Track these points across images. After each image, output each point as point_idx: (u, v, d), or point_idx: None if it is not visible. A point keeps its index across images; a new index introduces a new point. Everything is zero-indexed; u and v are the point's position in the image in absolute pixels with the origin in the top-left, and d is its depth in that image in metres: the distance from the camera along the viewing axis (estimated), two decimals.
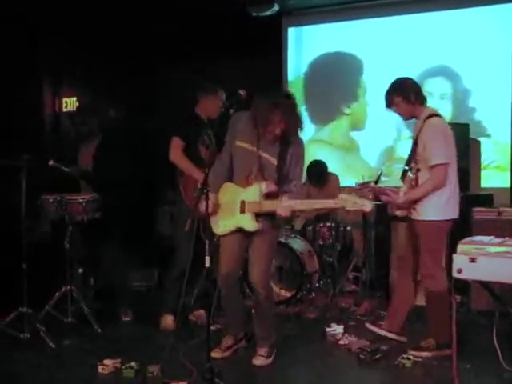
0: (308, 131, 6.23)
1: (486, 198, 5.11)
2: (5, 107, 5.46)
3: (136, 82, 6.64)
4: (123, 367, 3.42)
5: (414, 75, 5.94)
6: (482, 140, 5.74)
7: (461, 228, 4.59)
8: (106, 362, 3.45)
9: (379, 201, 3.91)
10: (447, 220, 3.63)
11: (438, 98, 5.97)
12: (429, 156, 3.53)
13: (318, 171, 5.51)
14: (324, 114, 6.55)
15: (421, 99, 3.65)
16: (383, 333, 3.86)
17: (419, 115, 3.66)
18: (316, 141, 6.52)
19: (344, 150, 6.48)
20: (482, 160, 5.74)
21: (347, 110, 6.44)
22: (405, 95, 3.61)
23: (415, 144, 3.65)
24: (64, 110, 6.73)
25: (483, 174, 5.77)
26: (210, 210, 3.21)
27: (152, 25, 6.26)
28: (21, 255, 3.96)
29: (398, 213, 3.80)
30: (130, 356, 3.52)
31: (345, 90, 6.36)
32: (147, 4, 5.82)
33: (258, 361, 3.60)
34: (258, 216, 3.44)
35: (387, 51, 6.16)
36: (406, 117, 3.74)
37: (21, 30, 5.62)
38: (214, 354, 3.51)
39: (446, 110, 5.88)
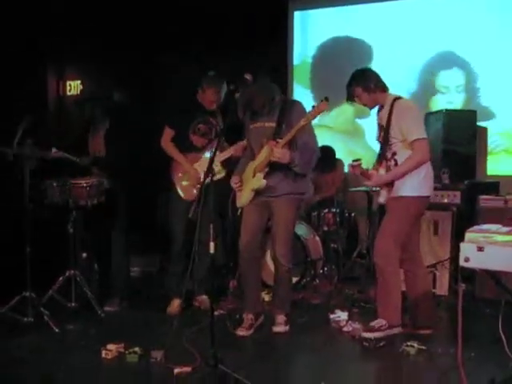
0: None
1: (493, 186, 5.07)
2: (9, 90, 5.42)
3: (141, 66, 6.58)
4: (127, 352, 3.41)
5: (422, 61, 6.02)
6: (489, 123, 5.66)
7: (467, 216, 4.60)
8: (110, 346, 3.44)
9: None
10: (423, 196, 3.65)
11: (455, 91, 5.89)
12: (408, 132, 3.57)
13: (326, 157, 5.45)
14: (329, 100, 6.46)
15: (381, 86, 3.71)
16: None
17: (383, 101, 3.72)
18: (319, 126, 6.45)
19: (348, 135, 6.42)
20: (488, 144, 5.67)
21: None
22: (365, 85, 3.69)
23: (387, 128, 3.65)
24: (68, 93, 6.70)
25: (490, 159, 5.71)
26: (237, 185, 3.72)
27: (157, 8, 6.19)
28: (24, 239, 3.95)
29: (382, 200, 3.76)
30: (133, 341, 3.51)
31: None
32: None
33: (278, 327, 3.84)
34: (267, 174, 3.67)
35: (395, 36, 6.07)
36: (371, 105, 3.79)
37: (25, 13, 5.57)
38: (240, 333, 3.78)
39: (460, 102, 5.82)
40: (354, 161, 3.74)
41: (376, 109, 3.85)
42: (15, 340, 3.70)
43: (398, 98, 3.68)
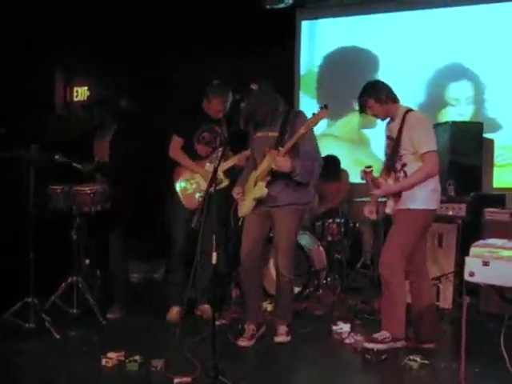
0: (318, 126, 6.29)
1: (499, 199, 5.04)
2: (16, 95, 5.44)
3: (148, 73, 6.60)
4: (127, 360, 3.39)
5: (430, 72, 6.01)
6: (496, 135, 5.62)
7: (472, 228, 4.57)
8: (110, 354, 3.43)
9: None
10: (430, 210, 3.64)
11: (464, 103, 5.88)
12: (419, 145, 3.57)
13: (331, 166, 5.45)
14: (335, 109, 6.47)
15: (392, 97, 3.73)
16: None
17: (394, 113, 3.73)
18: (325, 135, 6.45)
19: (354, 144, 6.42)
20: (495, 156, 5.65)
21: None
22: (376, 96, 3.70)
23: (396, 141, 3.65)
24: (75, 99, 6.72)
25: (496, 172, 5.68)
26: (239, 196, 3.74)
27: (164, 16, 6.22)
28: (27, 245, 3.95)
29: (388, 210, 3.75)
30: (134, 348, 3.50)
31: (358, 86, 6.27)
32: None
33: (280, 338, 3.83)
34: (269, 183, 3.68)
35: (402, 47, 6.07)
36: (382, 116, 3.80)
37: (33, 18, 5.59)
38: (241, 343, 3.74)
39: (469, 114, 5.81)
40: (366, 167, 3.74)
41: (382, 120, 3.85)
42: (16, 345, 3.69)
43: (409, 111, 3.69)
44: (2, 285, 4.11)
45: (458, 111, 5.89)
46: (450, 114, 5.91)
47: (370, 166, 3.74)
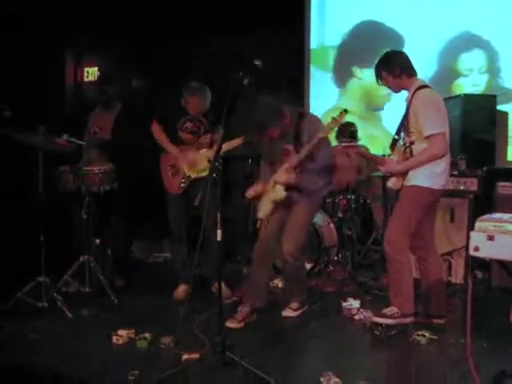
0: (332, 97, 6.30)
1: None
2: (27, 77, 5.45)
3: (159, 51, 6.56)
4: (137, 338, 3.45)
5: (442, 43, 5.88)
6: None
7: (484, 203, 4.51)
8: (120, 332, 3.49)
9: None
10: (435, 189, 3.58)
11: (478, 72, 5.74)
12: (424, 127, 3.51)
13: (349, 131, 5.30)
14: (345, 82, 6.40)
15: (407, 72, 3.65)
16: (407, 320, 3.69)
17: (409, 87, 3.66)
18: (338, 108, 6.36)
19: (365, 120, 6.33)
20: (509, 130, 5.51)
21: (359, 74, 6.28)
22: (390, 69, 3.64)
23: (406, 115, 3.62)
24: (85, 79, 6.72)
25: (511, 146, 5.56)
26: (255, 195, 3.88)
27: None
28: (39, 226, 3.99)
29: (390, 184, 3.72)
30: (145, 326, 3.56)
31: (369, 58, 6.19)
32: None
33: (286, 312, 3.93)
34: (287, 189, 3.74)
35: (413, 19, 5.93)
36: (396, 89, 3.74)
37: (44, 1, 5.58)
38: (229, 324, 3.68)
39: (483, 84, 5.69)
40: (344, 143, 3.80)
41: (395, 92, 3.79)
42: (29, 324, 3.76)
43: (420, 88, 3.59)
44: (15, 265, 4.19)
45: (472, 81, 5.74)
46: (463, 85, 5.77)
47: (350, 141, 3.78)
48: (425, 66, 5.68)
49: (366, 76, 6.16)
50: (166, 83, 6.40)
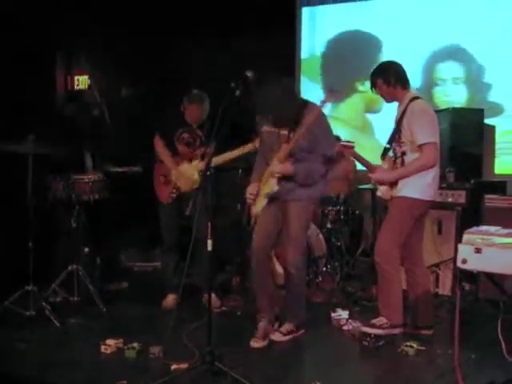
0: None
1: (500, 186, 5.00)
2: (17, 84, 5.44)
3: (150, 58, 6.59)
4: (125, 347, 3.44)
5: (425, 55, 5.98)
6: (497, 120, 5.57)
7: (472, 215, 4.55)
8: (109, 341, 3.48)
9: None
10: (426, 200, 3.62)
11: (451, 82, 5.85)
12: (416, 136, 3.54)
13: None
14: (338, 93, 6.45)
15: (402, 83, 3.70)
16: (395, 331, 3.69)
17: (401, 98, 3.71)
18: (333, 118, 6.42)
19: (357, 130, 6.39)
20: (496, 143, 5.59)
21: (361, 87, 6.34)
22: (385, 78, 3.68)
23: (398, 126, 3.66)
24: (76, 87, 6.71)
25: (498, 159, 5.63)
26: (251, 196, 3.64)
27: (165, 2, 6.20)
28: (27, 233, 3.97)
29: (380, 193, 3.76)
30: (134, 336, 3.54)
31: (360, 68, 6.28)
32: None
33: (274, 336, 3.67)
34: (280, 178, 3.55)
35: (399, 31, 6.04)
36: (388, 99, 3.77)
37: (33, 7, 5.57)
38: (253, 345, 3.54)
39: (460, 94, 5.77)
40: (346, 141, 3.78)
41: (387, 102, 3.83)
42: (17, 333, 3.73)
43: (414, 99, 3.65)
44: (3, 273, 4.16)
45: (444, 91, 5.87)
46: (436, 94, 5.90)
47: (350, 141, 3.76)
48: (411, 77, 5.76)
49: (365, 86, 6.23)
50: (161, 92, 6.46)
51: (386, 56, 6.02)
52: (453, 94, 5.81)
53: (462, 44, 5.78)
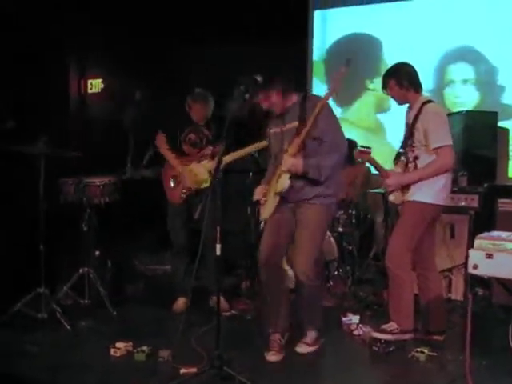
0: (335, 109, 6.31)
1: None
2: (30, 88, 5.49)
3: (162, 61, 6.62)
4: (135, 351, 3.44)
5: (437, 57, 5.95)
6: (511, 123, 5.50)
7: (485, 220, 4.50)
8: (118, 344, 3.49)
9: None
10: (438, 205, 3.58)
11: (461, 83, 5.80)
12: (432, 139, 3.51)
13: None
14: (348, 95, 6.44)
15: (414, 86, 3.67)
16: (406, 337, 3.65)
17: (413, 101, 3.68)
18: (342, 120, 6.40)
19: (369, 131, 6.36)
20: (510, 146, 5.53)
21: (371, 86, 6.31)
22: (397, 79, 3.66)
23: (411, 130, 3.62)
24: (89, 91, 6.77)
25: None
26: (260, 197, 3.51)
27: (177, 5, 6.23)
28: (39, 236, 3.99)
29: (392, 198, 3.71)
30: (143, 339, 3.55)
31: (368, 66, 6.27)
32: None
33: (300, 348, 3.54)
34: (291, 177, 3.35)
35: (412, 33, 6.01)
36: (400, 101, 3.75)
37: (46, 11, 5.62)
38: (271, 358, 3.42)
39: (471, 96, 5.73)
40: (362, 147, 3.71)
41: (399, 104, 3.80)
42: (28, 335, 3.76)
43: (427, 102, 3.62)
44: (15, 276, 4.19)
45: (455, 93, 5.82)
46: (446, 96, 5.86)
47: (368, 147, 3.71)
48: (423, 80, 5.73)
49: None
50: (170, 94, 6.48)
51: (396, 58, 6.00)
52: (464, 96, 5.79)
53: (474, 45, 5.74)
